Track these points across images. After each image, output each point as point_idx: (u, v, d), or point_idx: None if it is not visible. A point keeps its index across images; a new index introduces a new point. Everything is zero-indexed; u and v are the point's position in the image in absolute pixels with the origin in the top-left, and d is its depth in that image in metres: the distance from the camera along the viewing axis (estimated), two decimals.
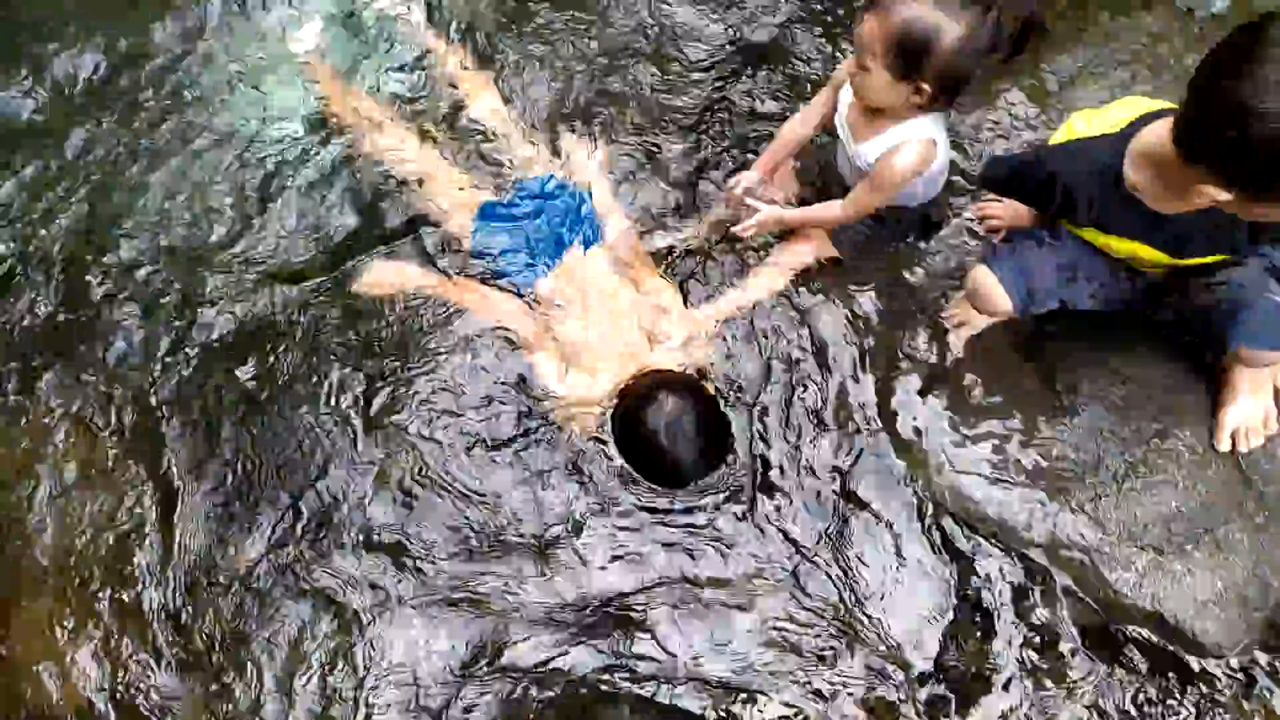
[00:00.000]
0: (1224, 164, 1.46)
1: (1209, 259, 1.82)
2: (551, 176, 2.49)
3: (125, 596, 2.15)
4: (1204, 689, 1.99)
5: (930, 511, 2.15)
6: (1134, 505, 2.06)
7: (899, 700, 2.02)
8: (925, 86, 1.86)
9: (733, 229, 2.33)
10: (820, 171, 2.43)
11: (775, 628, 2.08)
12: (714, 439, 2.18)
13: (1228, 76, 1.40)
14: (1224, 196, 1.50)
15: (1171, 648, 2.02)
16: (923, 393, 2.22)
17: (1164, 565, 2.02)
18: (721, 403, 2.25)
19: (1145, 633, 2.03)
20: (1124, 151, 1.68)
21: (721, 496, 2.18)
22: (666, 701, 2.03)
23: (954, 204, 2.39)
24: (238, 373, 2.35)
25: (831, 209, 2.21)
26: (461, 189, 2.53)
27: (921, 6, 1.76)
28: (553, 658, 2.07)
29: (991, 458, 2.15)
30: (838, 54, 2.63)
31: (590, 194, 2.48)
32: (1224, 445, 2.06)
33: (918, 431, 2.19)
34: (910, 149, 1.99)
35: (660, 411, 2.10)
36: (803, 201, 2.37)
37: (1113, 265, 1.95)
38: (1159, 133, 1.62)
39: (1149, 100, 1.76)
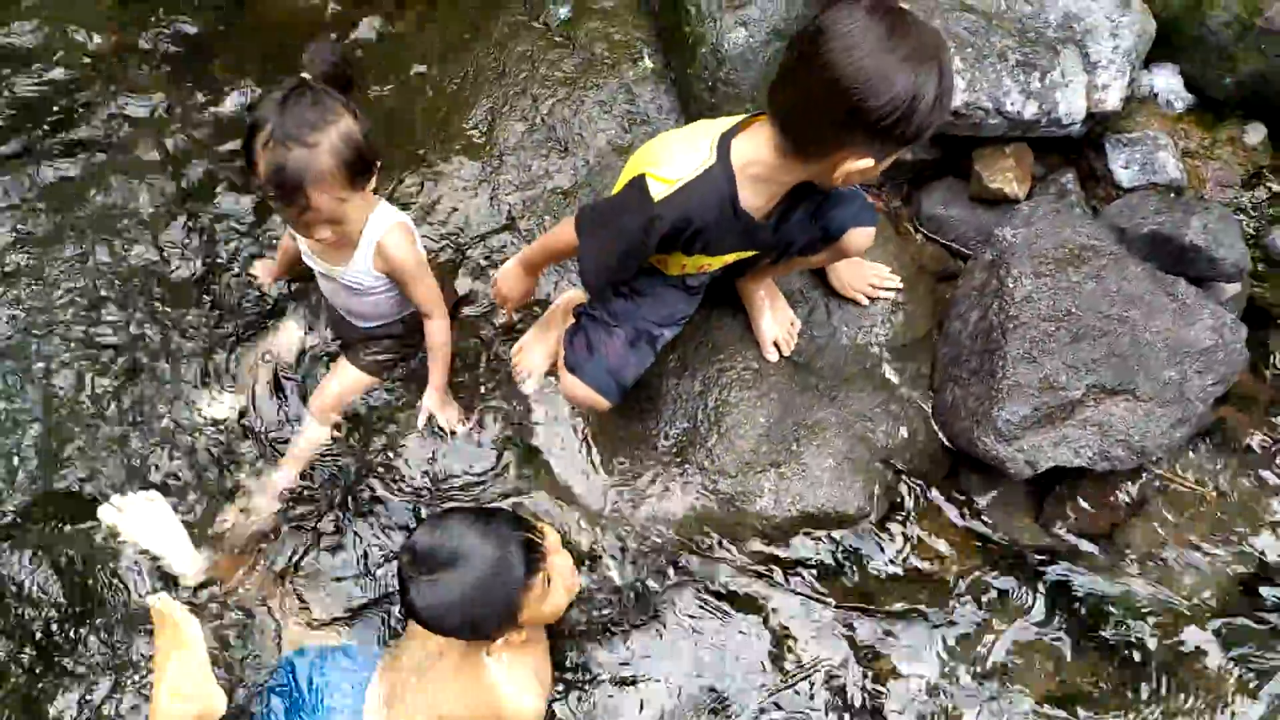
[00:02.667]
0: (860, 136, 1.59)
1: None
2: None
3: None
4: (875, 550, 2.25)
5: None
6: (738, 440, 2.25)
7: None
8: (371, 172, 1.92)
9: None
10: None
11: None
12: None
13: (821, 73, 1.54)
14: (866, 163, 1.64)
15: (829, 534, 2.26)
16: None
17: (785, 474, 2.24)
18: None
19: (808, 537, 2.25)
20: (733, 177, 1.77)
21: None
22: None
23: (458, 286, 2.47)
24: None
25: (433, 339, 2.18)
26: None
27: (320, 139, 1.78)
28: None
29: (629, 471, 2.27)
30: None
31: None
32: (771, 354, 2.32)
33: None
34: (393, 235, 2.04)
35: None
36: None
37: (669, 294, 2.11)
38: (755, 148, 1.75)
39: (708, 123, 1.86)
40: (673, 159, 1.81)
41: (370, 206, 1.99)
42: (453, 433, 2.27)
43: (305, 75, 1.82)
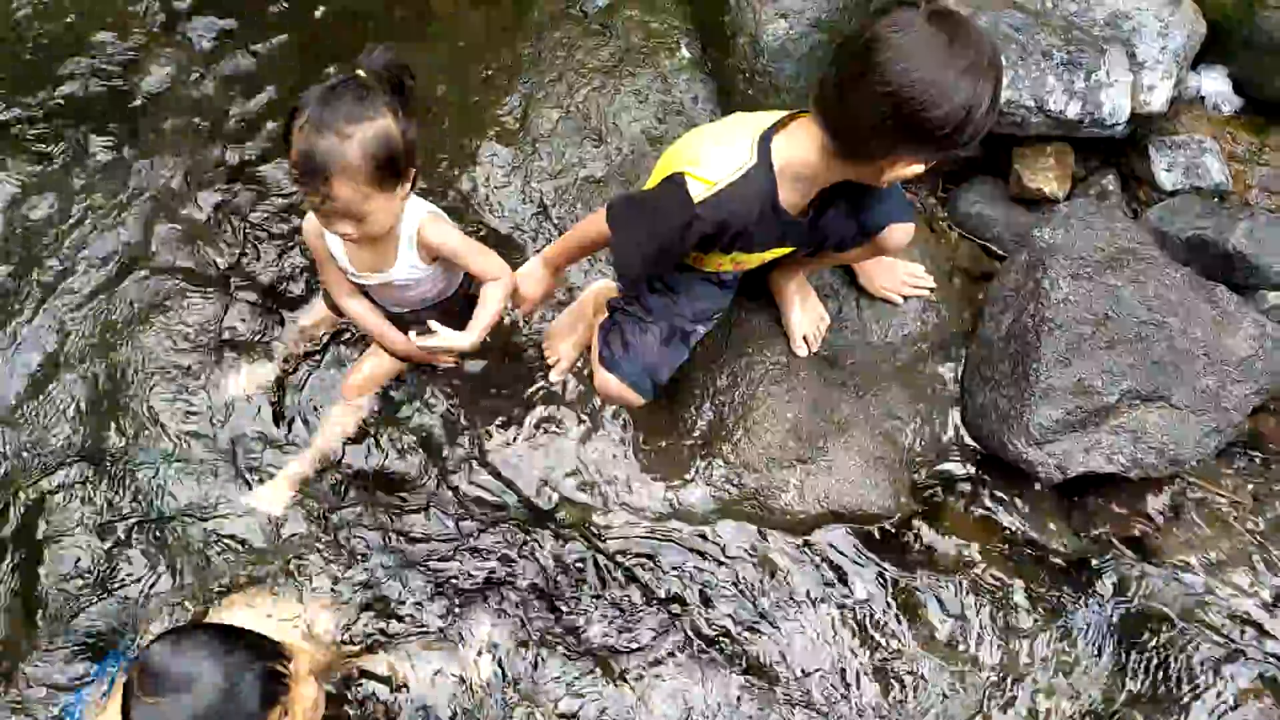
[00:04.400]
0: (915, 144, 1.60)
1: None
2: None
3: None
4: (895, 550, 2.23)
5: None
6: (764, 434, 2.24)
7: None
8: (409, 174, 1.89)
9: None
10: None
11: None
12: None
13: (878, 84, 1.53)
14: (918, 168, 1.66)
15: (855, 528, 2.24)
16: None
17: (812, 470, 2.23)
18: None
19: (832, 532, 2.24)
20: (774, 177, 1.77)
21: None
22: None
23: None
24: None
25: (488, 294, 2.07)
26: None
27: (354, 131, 1.75)
28: None
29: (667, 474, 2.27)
30: None
31: None
32: (801, 349, 2.30)
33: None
34: (427, 225, 2.01)
35: None
36: None
37: (703, 289, 2.10)
38: (797, 148, 1.75)
39: (743, 118, 1.86)
40: (712, 158, 1.79)
41: (401, 209, 1.97)
42: (454, 361, 2.22)
43: (359, 71, 1.80)
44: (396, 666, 2.07)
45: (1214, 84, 2.49)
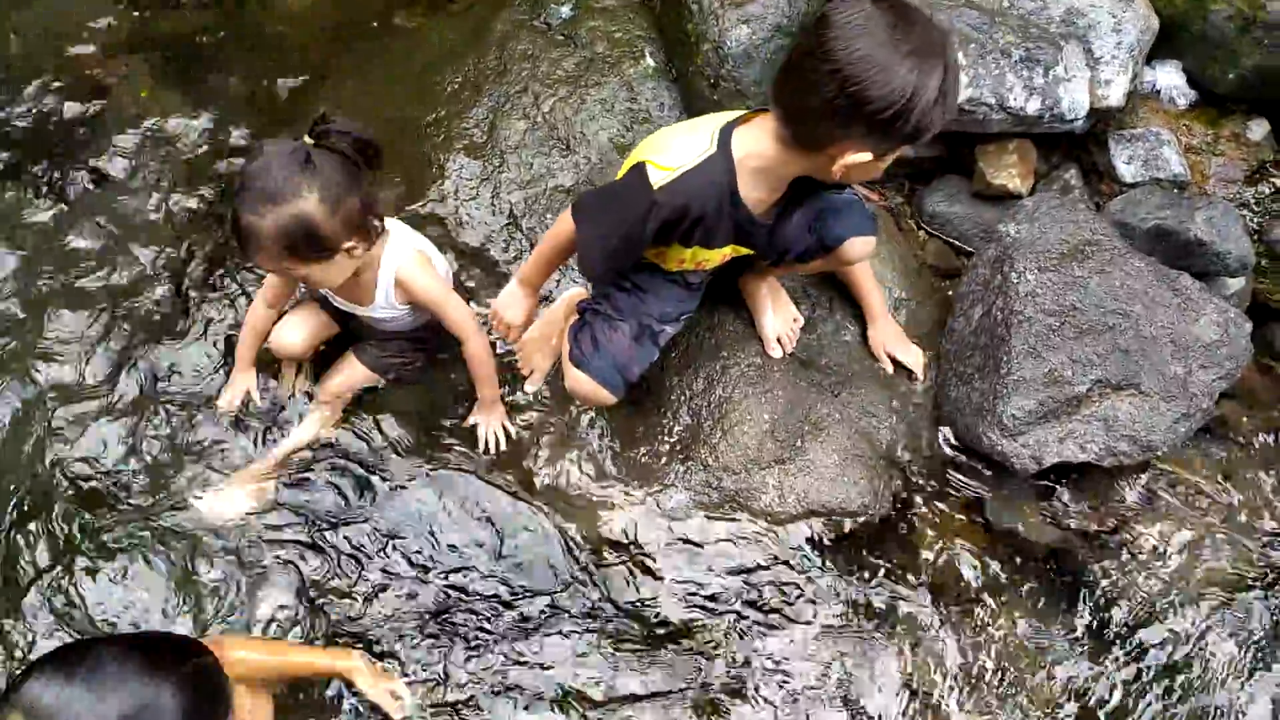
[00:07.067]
0: (858, 127, 1.60)
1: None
2: None
3: None
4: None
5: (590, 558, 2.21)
6: (742, 436, 2.25)
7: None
8: (324, 251, 1.86)
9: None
10: None
11: None
12: None
13: (823, 62, 1.55)
14: (865, 157, 1.65)
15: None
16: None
17: (790, 470, 2.23)
18: None
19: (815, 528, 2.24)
20: (732, 167, 1.78)
21: None
22: None
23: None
24: None
25: (474, 361, 2.17)
26: None
27: (269, 212, 1.76)
28: None
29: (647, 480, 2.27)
30: None
31: None
32: (775, 351, 2.31)
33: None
34: (409, 269, 2.03)
35: None
36: None
37: (669, 290, 2.11)
38: (756, 140, 1.77)
39: (710, 115, 1.87)
40: (673, 148, 1.82)
41: (357, 264, 1.96)
42: (497, 445, 2.27)
43: (307, 139, 1.80)
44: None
45: (1168, 78, 2.55)
